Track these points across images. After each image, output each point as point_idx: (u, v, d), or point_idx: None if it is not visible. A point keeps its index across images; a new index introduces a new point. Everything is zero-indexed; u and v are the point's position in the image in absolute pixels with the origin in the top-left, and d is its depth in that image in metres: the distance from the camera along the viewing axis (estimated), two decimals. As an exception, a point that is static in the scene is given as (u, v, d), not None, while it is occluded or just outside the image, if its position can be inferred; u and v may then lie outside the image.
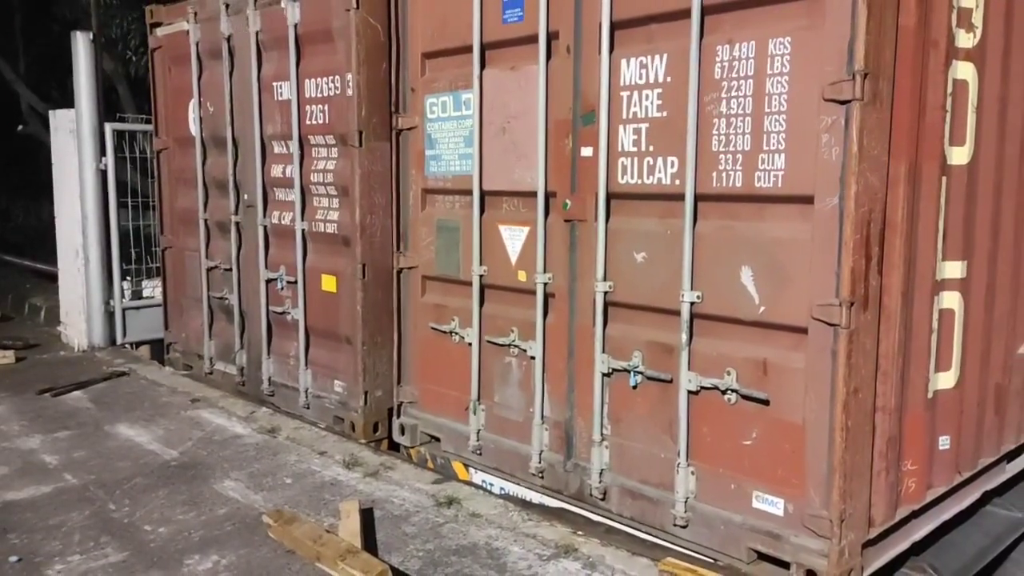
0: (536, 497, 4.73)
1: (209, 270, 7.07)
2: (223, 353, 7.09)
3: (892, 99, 3.36)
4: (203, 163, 6.99)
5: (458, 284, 5.03)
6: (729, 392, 3.77)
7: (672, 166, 3.90)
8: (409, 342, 5.45)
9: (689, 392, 3.89)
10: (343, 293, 5.79)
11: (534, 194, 4.48)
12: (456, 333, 5.05)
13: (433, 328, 5.20)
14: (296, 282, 6.10)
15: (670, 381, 3.99)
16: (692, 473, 3.95)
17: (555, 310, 4.51)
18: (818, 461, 3.48)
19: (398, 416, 5.53)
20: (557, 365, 4.52)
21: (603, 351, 4.24)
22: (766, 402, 3.65)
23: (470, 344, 4.95)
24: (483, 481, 5.04)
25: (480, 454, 4.98)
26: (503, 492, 4.90)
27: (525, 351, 4.66)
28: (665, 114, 3.91)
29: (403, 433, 5.49)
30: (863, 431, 3.47)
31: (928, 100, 3.58)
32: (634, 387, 4.15)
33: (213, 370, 7.21)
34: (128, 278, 8.45)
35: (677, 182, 3.88)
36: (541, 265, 4.49)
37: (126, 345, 8.46)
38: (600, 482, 4.31)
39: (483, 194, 4.81)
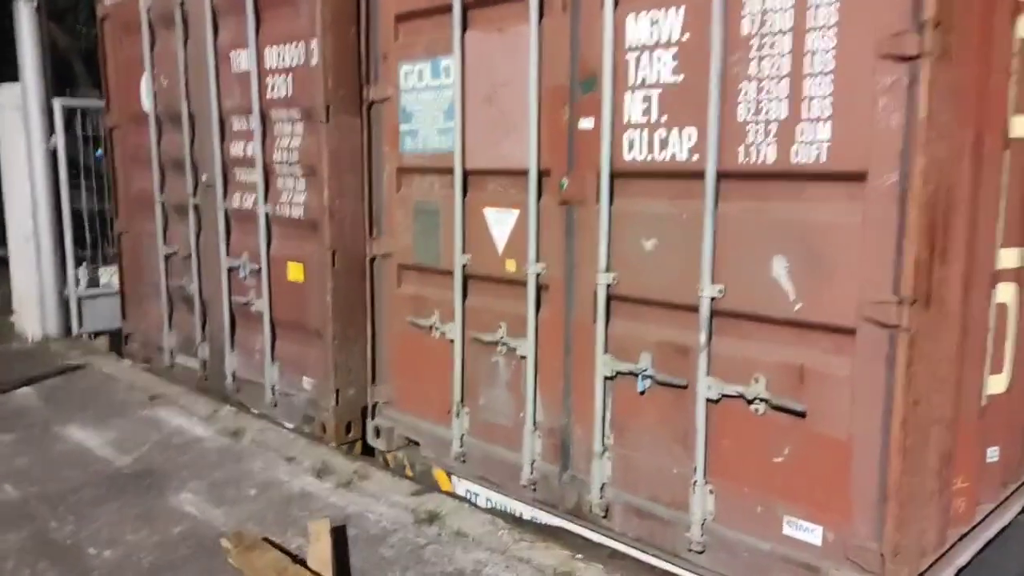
0: (528, 511, 4.04)
1: (167, 257, 6.26)
2: (185, 346, 6.30)
3: (960, 56, 2.67)
4: (158, 141, 6.15)
5: (438, 274, 4.30)
6: (757, 401, 3.09)
7: (689, 139, 3.19)
8: (384, 337, 4.71)
9: (708, 400, 3.21)
10: (311, 283, 5.04)
11: (525, 172, 3.75)
12: (437, 328, 4.32)
13: (411, 323, 4.46)
14: (260, 270, 5.33)
15: (685, 387, 3.31)
16: (710, 492, 3.28)
17: (549, 304, 3.80)
18: (867, 484, 2.83)
19: (372, 417, 4.80)
20: (551, 366, 3.81)
21: (605, 351, 3.55)
22: (802, 414, 2.97)
23: (452, 341, 4.22)
24: (467, 491, 4.34)
25: (464, 462, 4.28)
26: (490, 504, 4.21)
27: (514, 350, 3.95)
28: (681, 78, 3.19)
29: (378, 436, 4.76)
30: (922, 450, 2.81)
31: (993, 60, 2.89)
32: (642, 393, 3.46)
33: (174, 364, 6.41)
34: (84, 264, 7.58)
35: (695, 158, 3.17)
36: (533, 254, 3.77)
37: (84, 335, 7.60)
38: (601, 498, 3.64)
39: (466, 173, 4.07)
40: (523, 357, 3.90)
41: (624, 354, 3.50)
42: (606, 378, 3.57)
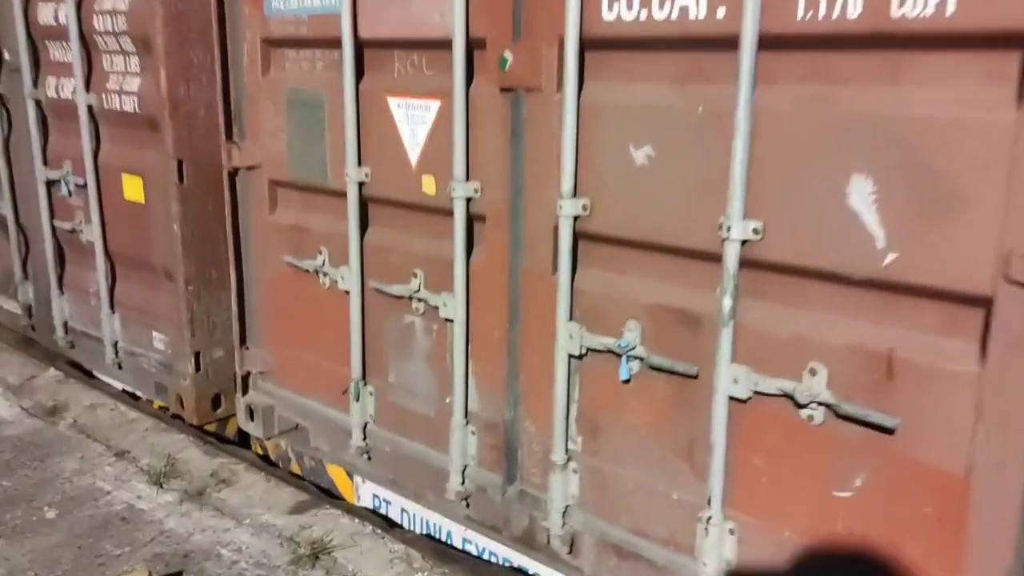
0: (458, 532, 3.03)
1: (-28, 167, 4.90)
2: (5, 284, 5.02)
3: None
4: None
5: (326, 195, 3.15)
6: (813, 405, 2.08)
7: (712, -16, 2.06)
8: (256, 284, 3.56)
9: (732, 399, 2.18)
10: (154, 203, 3.89)
11: (448, 43, 2.57)
12: (324, 273, 3.18)
13: (290, 264, 3.30)
14: (87, 185, 4.06)
15: (695, 377, 2.27)
16: (731, 531, 2.30)
17: (487, 243, 2.70)
18: (996, 543, 1.88)
19: (244, 392, 3.67)
20: (490, 334, 2.75)
21: (571, 317, 2.48)
22: (889, 430, 1.97)
23: (348, 292, 3.09)
24: (375, 497, 3.30)
25: (369, 459, 3.22)
26: (407, 517, 3.18)
27: (436, 309, 2.85)
28: None
29: (252, 418, 3.64)
30: (1088, 493, 1.84)
31: None
32: (626, 380, 2.43)
33: (-5, 307, 5.14)
34: None
35: (720, 15, 2.05)
36: (462, 168, 2.64)
37: None
38: (563, 525, 2.64)
39: (360, 44, 2.88)
40: (448, 320, 2.81)
41: (600, 322, 2.45)
42: (572, 356, 2.51)
